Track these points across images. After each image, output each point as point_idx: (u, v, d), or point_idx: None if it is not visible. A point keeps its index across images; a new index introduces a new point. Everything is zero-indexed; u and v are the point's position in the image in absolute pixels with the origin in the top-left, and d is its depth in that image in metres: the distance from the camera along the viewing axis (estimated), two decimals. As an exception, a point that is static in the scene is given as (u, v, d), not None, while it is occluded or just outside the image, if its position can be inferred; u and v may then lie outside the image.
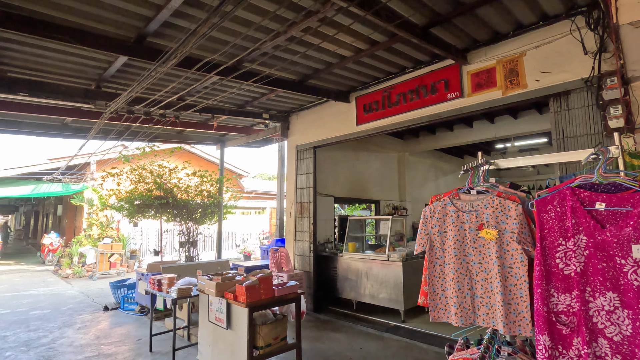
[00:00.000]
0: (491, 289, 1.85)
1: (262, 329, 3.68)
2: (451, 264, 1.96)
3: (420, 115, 5.05)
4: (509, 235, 1.79)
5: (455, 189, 2.10)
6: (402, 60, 4.88)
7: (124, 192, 7.33)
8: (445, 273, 1.99)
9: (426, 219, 2.09)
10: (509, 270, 1.79)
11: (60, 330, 5.70)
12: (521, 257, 1.75)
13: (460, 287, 1.93)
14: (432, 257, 2.04)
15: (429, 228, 2.06)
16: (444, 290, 2.00)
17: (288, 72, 4.99)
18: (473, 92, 4.55)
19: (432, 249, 2.03)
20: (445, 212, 2.02)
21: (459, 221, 1.97)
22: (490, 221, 1.85)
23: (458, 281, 1.93)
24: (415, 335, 4.98)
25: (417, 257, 5.99)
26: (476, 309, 1.91)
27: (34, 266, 13.57)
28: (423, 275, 2.09)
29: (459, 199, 2.04)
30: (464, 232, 1.95)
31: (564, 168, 3.71)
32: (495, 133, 8.70)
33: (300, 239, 6.78)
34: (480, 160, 2.13)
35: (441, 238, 2.01)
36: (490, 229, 1.82)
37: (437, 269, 2.03)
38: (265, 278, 3.75)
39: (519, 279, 1.75)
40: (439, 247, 2.02)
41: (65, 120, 6.54)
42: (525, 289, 1.74)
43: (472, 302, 1.92)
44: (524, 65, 4.13)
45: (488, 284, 1.86)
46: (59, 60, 4.22)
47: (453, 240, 1.96)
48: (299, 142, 7.05)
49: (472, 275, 1.91)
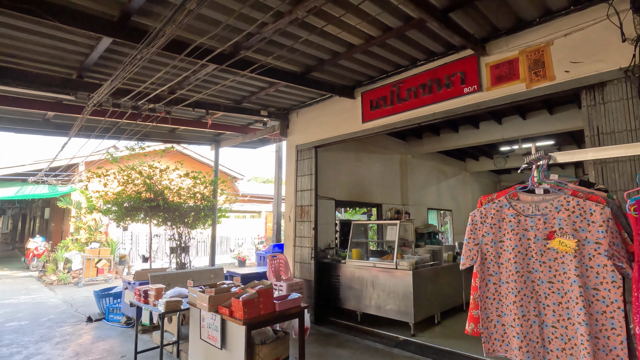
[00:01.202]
0: (568, 316, 1.43)
1: (262, 349, 3.23)
2: (511, 282, 1.54)
3: (433, 111, 4.66)
4: (593, 246, 1.38)
5: (512, 187, 1.68)
6: (414, 51, 4.49)
7: (111, 194, 6.83)
8: (502, 294, 1.57)
9: (475, 225, 1.66)
10: (594, 292, 1.38)
11: (36, 345, 5.17)
12: (612, 275, 1.34)
13: (525, 313, 1.51)
14: (483, 274, 1.62)
15: (479, 237, 1.64)
16: (500, 316, 1.57)
17: (290, 63, 4.58)
18: (493, 86, 4.16)
19: (484, 263, 1.61)
20: (502, 216, 1.60)
21: (520, 228, 1.56)
22: (564, 228, 1.45)
23: (521, 305, 1.51)
24: (428, 351, 4.55)
25: (428, 265, 5.57)
26: (546, 342, 1.49)
27: (17, 272, 12.92)
28: (472, 296, 1.66)
29: (519, 200, 1.63)
30: (527, 241, 1.54)
31: (599, 168, 3.33)
32: (502, 134, 8.36)
33: (300, 245, 6.33)
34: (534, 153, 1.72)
35: (496, 249, 1.59)
36: (565, 238, 1.42)
37: (490, 289, 1.61)
38: (264, 291, 3.31)
39: (610, 305, 1.34)
40: (493, 260, 1.60)
41: (46, 116, 6.04)
42: (620, 318, 1.32)
43: (541, 333, 1.50)
44: (551, 55, 3.75)
45: (563, 309, 1.44)
46: (33, 44, 3.76)
47: (513, 253, 1.54)
48: (299, 142, 6.62)
49: (540, 298, 1.50)
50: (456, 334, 5.24)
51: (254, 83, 5.23)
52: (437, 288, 5.67)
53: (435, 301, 5.60)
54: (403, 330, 5.20)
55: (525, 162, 1.67)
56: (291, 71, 4.77)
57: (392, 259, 5.48)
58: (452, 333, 5.30)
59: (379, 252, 7.03)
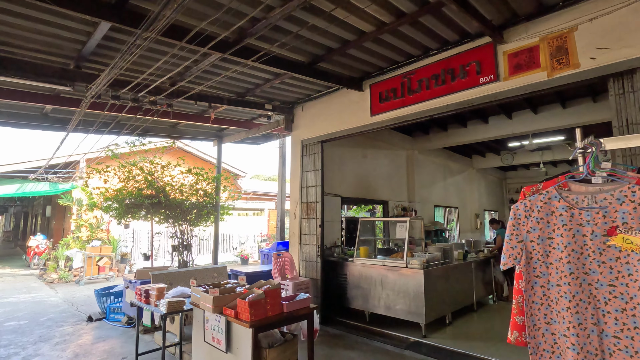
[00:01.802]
0: (634, 325, 1.24)
1: (269, 353, 3.04)
2: (563, 285, 1.34)
3: (447, 102, 4.45)
4: (665, 244, 1.18)
5: (560, 175, 1.48)
6: (427, 40, 4.27)
7: (111, 191, 6.65)
8: (552, 298, 1.37)
9: (519, 219, 1.45)
10: (668, 298, 1.18)
11: (34, 346, 5.01)
12: (691, 279, 1.15)
13: (581, 321, 1.31)
14: (529, 275, 1.42)
15: (524, 233, 1.43)
16: (549, 324, 1.38)
17: (296, 52, 4.37)
18: (511, 75, 3.95)
19: (530, 262, 1.41)
20: (550, 209, 1.40)
21: (574, 223, 1.36)
22: (629, 223, 1.25)
23: (577, 312, 1.31)
24: (441, 353, 4.35)
25: (439, 263, 5.37)
26: (607, 355, 1.29)
27: (18, 270, 12.81)
28: (514, 301, 1.47)
29: (570, 191, 1.43)
30: (582, 238, 1.34)
31: (628, 160, 3.12)
32: (512, 129, 8.13)
33: (306, 243, 6.14)
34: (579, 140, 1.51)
35: (544, 247, 1.39)
36: (630, 235, 1.22)
37: (537, 292, 1.41)
38: (272, 291, 3.12)
39: (689, 313, 1.15)
40: (541, 260, 1.40)
41: (45, 110, 5.86)
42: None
43: (600, 345, 1.30)
44: (575, 41, 3.53)
45: (628, 317, 1.25)
46: (27, 30, 3.56)
47: (565, 251, 1.34)
48: (304, 136, 6.42)
49: (598, 304, 1.30)
50: (469, 335, 5.04)
51: (258, 74, 5.03)
52: (448, 287, 5.48)
53: (447, 301, 5.41)
54: (413, 331, 5.01)
55: (577, 147, 1.46)
56: (298, 61, 4.57)
57: (401, 257, 5.28)
58: (464, 334, 5.11)
59: (385, 251, 6.83)
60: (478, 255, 6.78)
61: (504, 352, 4.32)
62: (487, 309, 6.60)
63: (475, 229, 12.50)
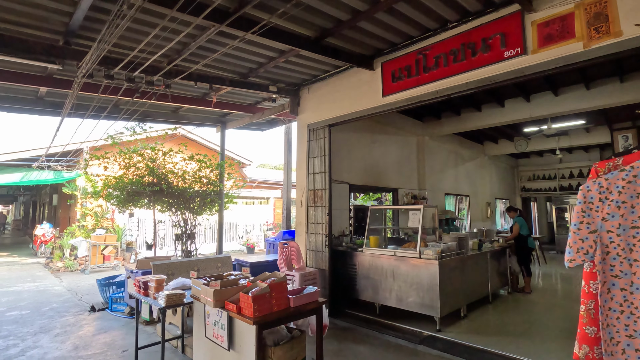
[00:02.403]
0: None
1: (275, 351, 2.80)
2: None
3: (467, 80, 4.07)
4: None
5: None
6: (446, 10, 3.89)
7: (112, 179, 6.42)
8: (635, 305, 1.07)
9: (590, 204, 1.12)
10: None
11: (34, 337, 4.87)
12: None
13: (681, 337, 1.01)
14: (605, 275, 1.10)
15: (597, 221, 1.11)
16: (632, 337, 1.07)
17: (303, 25, 4.01)
18: (540, 48, 3.56)
19: (606, 259, 1.09)
20: (637, 190, 1.07)
21: (671, 207, 1.04)
22: None
23: (675, 324, 1.01)
24: (458, 349, 4.09)
25: (454, 254, 5.08)
26: None
27: (25, 258, 12.82)
28: (583, 307, 1.16)
29: (663, 166, 1.10)
30: (682, 228, 1.03)
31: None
32: (530, 113, 7.69)
33: (313, 232, 5.87)
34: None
35: (626, 239, 1.08)
36: None
37: (616, 297, 1.10)
38: (277, 284, 2.85)
39: None
40: (621, 255, 1.09)
41: (39, 93, 5.60)
42: None
43: None
44: (617, 6, 3.13)
45: None
46: (9, 0, 3.26)
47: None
48: (311, 120, 6.09)
49: None
50: (487, 330, 4.78)
51: (261, 52, 4.68)
52: (464, 279, 5.19)
53: (462, 293, 5.13)
54: (427, 325, 4.75)
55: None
56: (304, 35, 4.21)
57: (414, 247, 5.00)
58: (480, 328, 4.84)
59: (395, 240, 6.56)
60: (493, 245, 6.47)
61: (525, 349, 4.05)
62: (502, 300, 6.31)
63: (487, 218, 12.14)
